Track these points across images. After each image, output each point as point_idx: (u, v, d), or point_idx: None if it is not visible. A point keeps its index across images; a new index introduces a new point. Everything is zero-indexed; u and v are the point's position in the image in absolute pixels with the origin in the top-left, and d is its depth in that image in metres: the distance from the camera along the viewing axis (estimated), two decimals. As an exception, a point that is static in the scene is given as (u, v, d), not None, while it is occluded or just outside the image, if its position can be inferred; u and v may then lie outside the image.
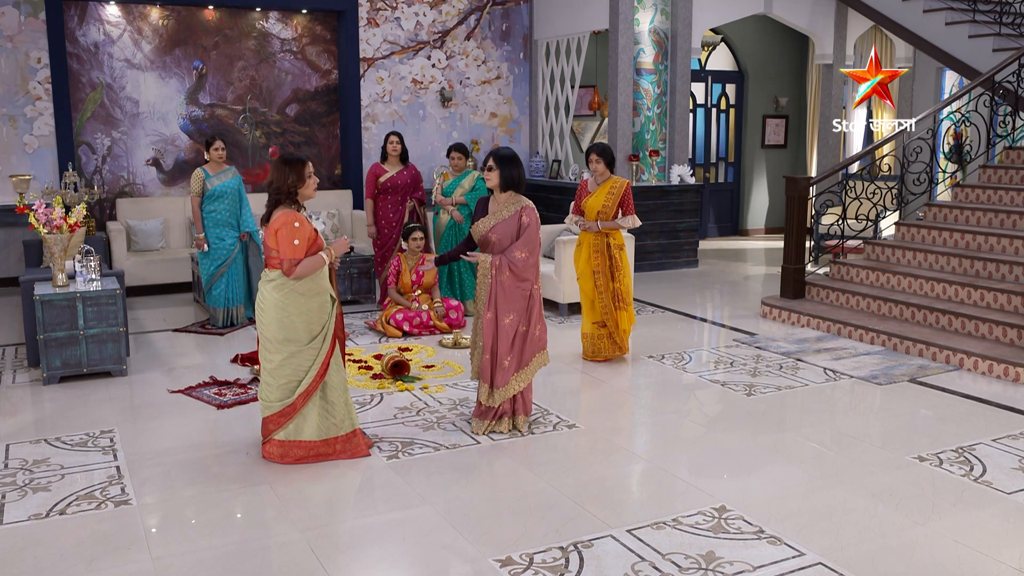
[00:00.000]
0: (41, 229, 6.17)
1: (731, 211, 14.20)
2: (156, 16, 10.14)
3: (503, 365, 5.08)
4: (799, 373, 6.45)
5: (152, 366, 6.66)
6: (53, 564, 3.71)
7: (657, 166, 10.80)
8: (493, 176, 5.09)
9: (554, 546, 3.80)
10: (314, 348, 4.60)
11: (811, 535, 3.91)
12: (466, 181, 8.25)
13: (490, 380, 5.09)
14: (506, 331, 5.07)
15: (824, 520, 4.09)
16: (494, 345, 5.07)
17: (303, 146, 11.03)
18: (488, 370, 5.07)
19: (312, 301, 4.58)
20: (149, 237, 9.68)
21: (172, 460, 4.82)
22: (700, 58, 13.38)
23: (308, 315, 4.57)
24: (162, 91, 10.24)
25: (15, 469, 4.67)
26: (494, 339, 5.07)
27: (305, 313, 4.57)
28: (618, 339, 6.74)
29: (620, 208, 6.62)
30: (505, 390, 5.10)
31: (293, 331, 4.57)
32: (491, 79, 11.77)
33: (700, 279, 10.39)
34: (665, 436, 5.38)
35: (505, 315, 5.06)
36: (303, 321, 4.57)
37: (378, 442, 5.03)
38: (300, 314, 4.56)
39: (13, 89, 9.44)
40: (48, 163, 9.62)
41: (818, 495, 4.40)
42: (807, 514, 4.16)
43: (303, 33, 10.92)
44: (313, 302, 4.58)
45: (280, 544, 3.91)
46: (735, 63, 13.83)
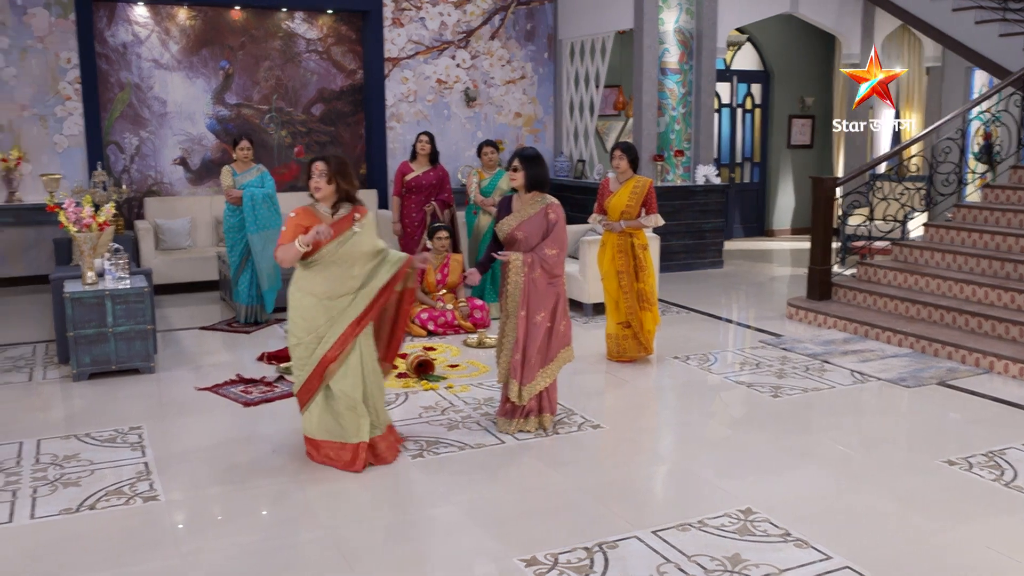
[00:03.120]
0: (71, 228, 6.23)
1: (757, 211, 14.12)
2: (183, 17, 10.23)
3: (531, 362, 5.08)
4: (826, 375, 6.40)
5: (179, 363, 6.72)
6: (83, 559, 3.75)
7: (682, 166, 10.76)
8: (519, 176, 5.10)
9: (579, 546, 3.79)
10: (309, 347, 4.61)
11: (838, 538, 3.88)
12: (503, 182, 8.21)
13: (519, 377, 5.09)
14: (537, 329, 5.07)
15: (851, 524, 4.06)
16: (526, 343, 5.08)
17: (328, 146, 11.09)
18: (519, 368, 5.07)
19: (306, 299, 4.60)
20: (176, 236, 9.76)
21: (199, 457, 4.85)
22: (725, 58, 13.31)
23: (302, 311, 4.61)
24: (189, 91, 10.32)
25: (46, 464, 4.72)
26: (526, 337, 5.07)
27: (299, 309, 4.62)
28: (643, 339, 6.71)
29: (643, 207, 6.60)
30: (531, 386, 5.10)
31: (292, 322, 4.65)
32: (515, 79, 11.77)
33: (725, 280, 10.34)
34: (690, 437, 5.36)
35: (536, 313, 5.07)
36: (299, 316, 4.62)
37: (402, 441, 5.05)
38: (295, 308, 4.63)
39: (44, 89, 9.55)
40: (78, 162, 9.72)
41: (845, 498, 4.37)
42: (834, 517, 4.13)
43: (328, 33, 10.97)
44: (306, 300, 4.59)
45: (306, 541, 3.93)
46: (761, 63, 13.75)
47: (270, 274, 7.82)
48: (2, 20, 9.30)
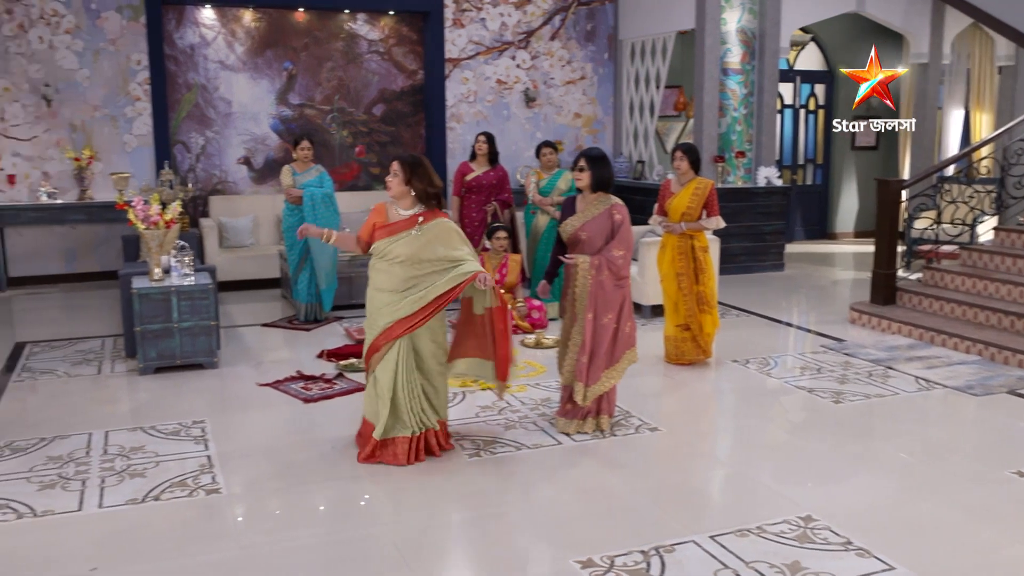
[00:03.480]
0: (139, 225, 6.39)
1: (819, 214, 13.89)
2: (249, 19, 10.41)
3: (597, 364, 5.07)
4: (889, 381, 6.27)
5: (241, 359, 6.83)
6: (147, 548, 3.84)
7: (743, 167, 10.63)
8: (584, 176, 5.09)
9: (635, 549, 3.76)
10: (368, 332, 4.79)
11: (901, 549, 3.79)
12: (561, 182, 8.21)
13: (585, 379, 5.08)
14: (604, 331, 5.06)
15: (915, 534, 3.97)
16: (593, 345, 5.06)
17: (389, 146, 11.19)
18: (584, 370, 5.06)
19: (368, 288, 4.79)
20: (239, 234, 9.94)
21: (260, 452, 4.94)
22: (788, 58, 13.10)
23: (367, 298, 4.81)
24: (253, 91, 10.50)
25: (113, 455, 4.85)
26: (593, 339, 5.06)
27: (367, 295, 4.81)
28: (701, 342, 6.65)
29: (704, 209, 6.54)
30: (596, 387, 5.09)
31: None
32: (575, 79, 11.75)
33: (786, 283, 10.19)
34: (749, 442, 5.29)
35: (604, 315, 5.06)
36: (366, 301, 4.82)
37: (460, 440, 5.07)
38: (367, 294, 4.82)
39: (115, 90, 9.80)
40: (146, 161, 9.95)
41: (909, 508, 4.27)
42: (897, 527, 4.04)
43: (390, 34, 11.07)
44: (368, 289, 4.79)
45: (363, 538, 3.97)
46: (825, 63, 13.52)
47: (328, 273, 7.92)
48: (77, 24, 9.57)
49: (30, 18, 9.41)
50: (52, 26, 9.49)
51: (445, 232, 4.67)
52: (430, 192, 4.66)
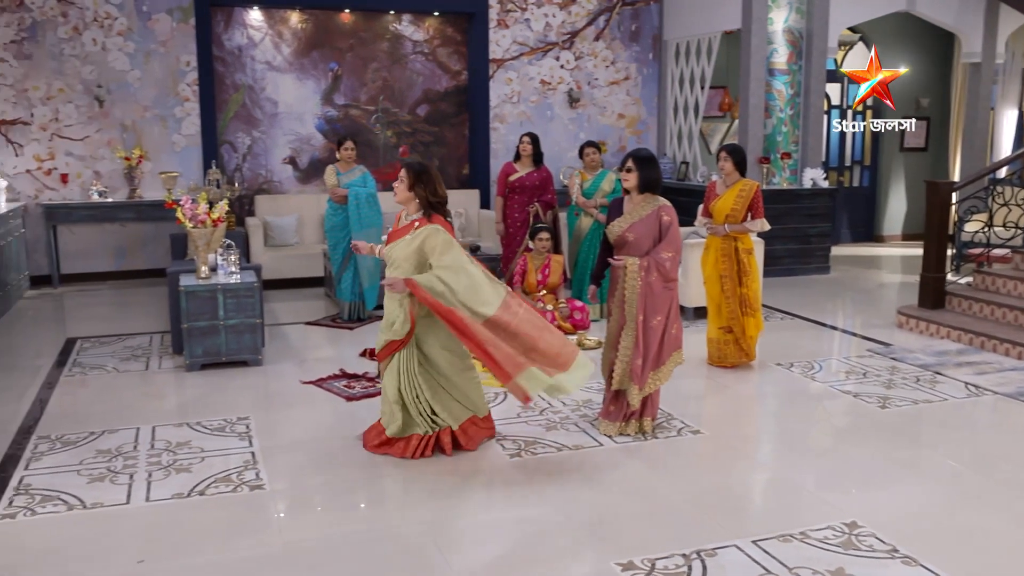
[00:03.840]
0: (187, 223, 6.48)
1: (866, 216, 13.69)
2: (295, 20, 10.52)
3: (647, 366, 5.06)
4: (938, 387, 6.16)
5: (285, 357, 6.91)
6: (192, 541, 3.90)
7: (789, 169, 10.51)
8: (632, 177, 5.07)
9: (677, 552, 3.74)
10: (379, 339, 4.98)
11: (949, 558, 3.72)
12: (605, 183, 8.19)
13: (640, 382, 5.06)
14: (653, 333, 5.04)
15: (963, 543, 3.90)
16: (645, 348, 5.04)
17: (432, 146, 11.25)
18: (639, 373, 5.04)
19: None
20: (284, 233, 10.06)
21: (302, 448, 4.99)
22: (836, 58, 12.92)
23: None
24: (299, 92, 10.62)
25: (160, 450, 4.93)
26: (644, 341, 5.04)
27: None
28: (744, 345, 6.59)
29: (749, 211, 6.48)
30: (645, 389, 5.07)
31: None
32: (619, 80, 11.71)
33: (832, 286, 10.06)
34: (792, 446, 5.23)
35: (653, 317, 5.04)
36: None
37: (500, 440, 5.08)
38: None
39: (165, 91, 9.96)
40: (194, 161, 10.10)
41: (957, 516, 4.19)
42: (945, 535, 3.97)
43: (434, 35, 11.12)
44: None
45: (403, 535, 3.99)
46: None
47: (371, 272, 7.98)
48: (129, 26, 9.75)
49: (84, 21, 9.61)
50: (105, 28, 9.68)
51: (430, 237, 4.69)
52: (432, 200, 4.75)
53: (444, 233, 4.70)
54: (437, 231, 4.69)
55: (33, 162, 9.66)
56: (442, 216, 4.79)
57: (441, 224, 4.73)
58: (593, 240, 8.08)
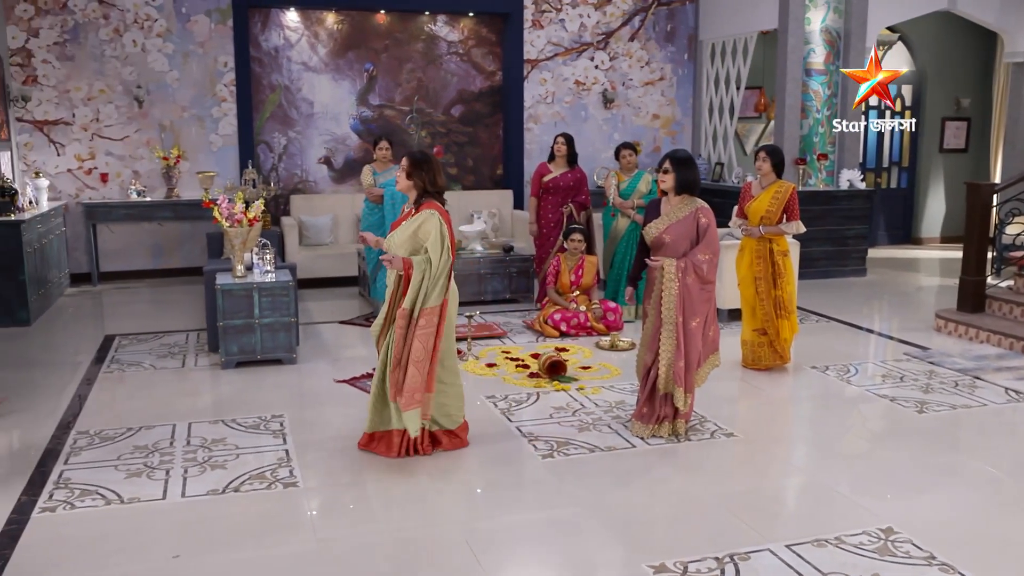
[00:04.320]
0: (224, 223, 6.55)
1: (904, 218, 13.52)
2: (331, 21, 10.60)
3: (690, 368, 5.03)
4: (977, 392, 6.07)
5: (319, 356, 6.96)
6: (227, 537, 3.94)
7: (825, 170, 10.41)
8: (668, 178, 5.05)
9: (709, 556, 3.72)
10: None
11: (988, 566, 3.67)
12: (642, 184, 8.16)
13: (684, 383, 5.04)
14: (692, 335, 5.02)
15: (1002, 551, 3.83)
16: (687, 350, 5.02)
17: (466, 146, 11.27)
18: (682, 375, 5.02)
19: None
20: (319, 232, 10.13)
21: (335, 447, 5.01)
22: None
23: None
24: (335, 92, 10.69)
25: (196, 447, 4.99)
26: (685, 343, 5.02)
27: None
28: (779, 348, 6.53)
29: (785, 213, 6.43)
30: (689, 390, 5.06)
31: None
32: (654, 80, 11.66)
33: (868, 289, 9.94)
34: (826, 450, 5.17)
35: (691, 319, 5.01)
36: None
37: (533, 440, 5.08)
38: None
39: (202, 92, 10.08)
40: (230, 161, 10.21)
41: (995, 523, 4.12)
42: (983, 543, 3.91)
43: (469, 35, 11.15)
44: None
45: (435, 535, 4.01)
46: (912, 62, 13.15)
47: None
48: (168, 27, 9.88)
49: (125, 23, 9.75)
50: (145, 30, 9.81)
51: (426, 222, 4.71)
52: (428, 189, 4.79)
53: (438, 220, 4.68)
54: (432, 215, 4.71)
55: (74, 161, 9.82)
56: (438, 204, 4.79)
57: (436, 210, 4.74)
58: (630, 241, 8.05)
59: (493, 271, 8.76)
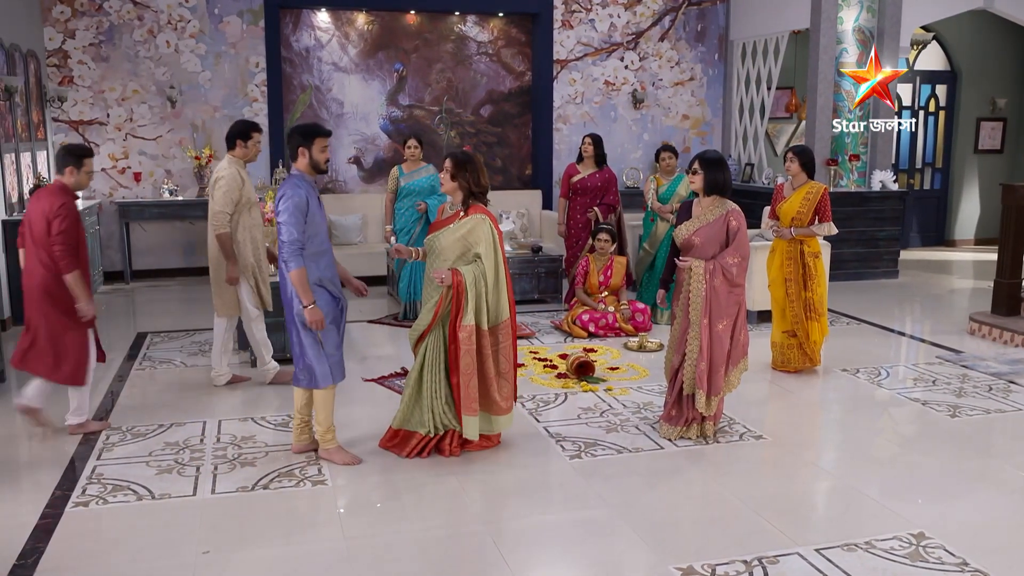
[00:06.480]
0: (255, 222, 6.57)
1: (937, 220, 13.36)
2: (362, 22, 10.65)
3: (716, 372, 5.00)
4: (1011, 396, 5.98)
5: (347, 355, 6.92)
6: (256, 534, 3.98)
7: (857, 171, 10.31)
8: (697, 179, 5.02)
9: (737, 559, 3.70)
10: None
11: (1022, 574, 3.61)
12: (681, 187, 8.05)
13: (707, 387, 5.01)
14: (719, 338, 4.99)
15: (1037, 557, 3.78)
16: (711, 352, 5.00)
17: (495, 146, 11.29)
18: (704, 378, 5.00)
19: None
20: (348, 231, 10.19)
21: (364, 445, 5.03)
22: (908, 57, 12.64)
23: None
24: (365, 93, 10.75)
25: (226, 444, 5.03)
26: (710, 346, 4.99)
27: None
28: (808, 350, 6.48)
29: (816, 214, 6.37)
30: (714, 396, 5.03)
31: None
32: (684, 80, 11.61)
33: (900, 291, 9.84)
34: (856, 454, 5.12)
35: (718, 321, 4.98)
36: None
37: (560, 441, 5.08)
38: None
39: (234, 92, 10.17)
40: (261, 160, 10.24)
41: (1030, 529, 4.07)
42: (1018, 549, 3.86)
43: (499, 36, 11.16)
44: None
45: (463, 534, 4.01)
46: (947, 62, 12.99)
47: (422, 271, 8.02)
48: (201, 28, 9.98)
49: (159, 24, 9.86)
50: (178, 31, 9.92)
51: (476, 226, 4.72)
52: (474, 190, 4.78)
53: (489, 226, 4.72)
54: (483, 221, 4.72)
55: (108, 161, 9.94)
56: (483, 205, 4.81)
57: (487, 215, 4.75)
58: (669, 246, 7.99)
59: (521, 271, 8.76)
